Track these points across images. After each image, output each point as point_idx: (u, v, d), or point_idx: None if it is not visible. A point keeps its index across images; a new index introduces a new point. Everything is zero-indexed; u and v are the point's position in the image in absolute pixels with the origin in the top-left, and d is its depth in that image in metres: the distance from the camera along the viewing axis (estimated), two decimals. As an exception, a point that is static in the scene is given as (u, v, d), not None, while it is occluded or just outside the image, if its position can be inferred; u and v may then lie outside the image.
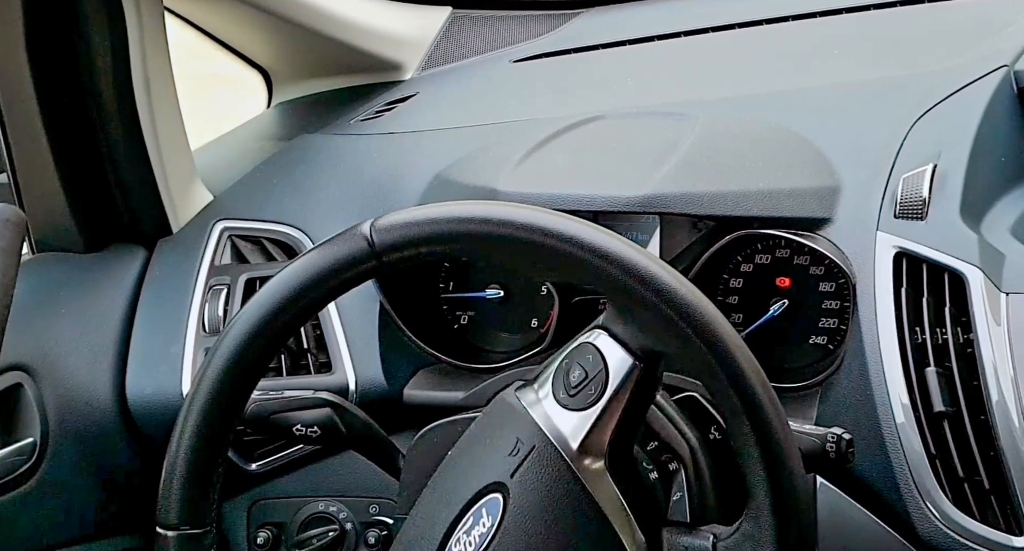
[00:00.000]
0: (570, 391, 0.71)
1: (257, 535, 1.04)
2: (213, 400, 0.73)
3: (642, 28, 1.26)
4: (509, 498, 0.69)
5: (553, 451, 0.69)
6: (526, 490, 0.69)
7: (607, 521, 0.69)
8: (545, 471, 0.69)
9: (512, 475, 0.70)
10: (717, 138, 0.98)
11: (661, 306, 0.64)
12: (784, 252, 0.93)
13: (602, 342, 0.70)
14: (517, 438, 0.71)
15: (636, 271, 0.64)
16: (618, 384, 0.69)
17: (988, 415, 0.76)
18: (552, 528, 0.68)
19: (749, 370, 0.64)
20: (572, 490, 0.69)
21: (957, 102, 0.92)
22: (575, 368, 0.71)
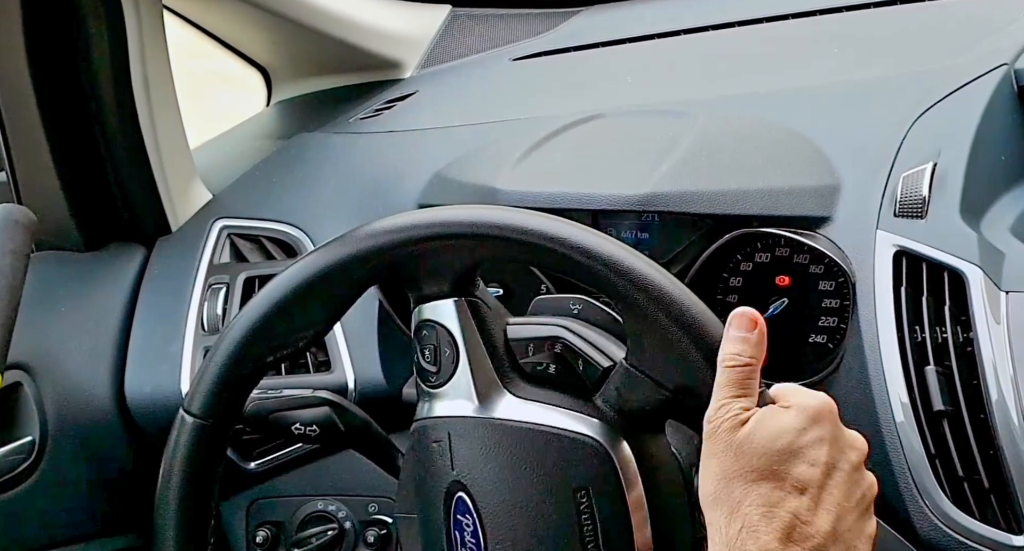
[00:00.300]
0: (430, 375, 0.72)
1: (256, 534, 1.04)
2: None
3: (642, 26, 1.26)
4: (469, 489, 0.70)
5: (461, 424, 0.70)
6: (473, 471, 0.70)
7: (551, 430, 0.69)
8: (469, 444, 0.70)
9: (453, 469, 0.70)
10: (717, 136, 0.98)
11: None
12: (784, 251, 0.93)
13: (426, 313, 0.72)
14: (435, 439, 0.71)
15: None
16: (458, 327, 0.71)
17: (988, 414, 0.76)
18: (521, 481, 0.69)
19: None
20: (502, 436, 0.70)
21: (957, 101, 0.92)
22: (425, 351, 0.72)
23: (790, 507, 0.59)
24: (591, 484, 0.68)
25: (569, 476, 0.68)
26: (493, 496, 0.69)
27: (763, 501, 0.59)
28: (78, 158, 1.09)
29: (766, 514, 0.59)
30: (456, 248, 0.70)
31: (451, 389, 0.72)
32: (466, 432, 0.70)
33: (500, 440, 0.70)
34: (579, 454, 0.68)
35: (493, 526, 0.69)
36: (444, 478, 0.71)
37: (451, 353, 0.71)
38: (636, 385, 0.68)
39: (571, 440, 0.69)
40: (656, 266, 0.67)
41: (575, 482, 0.68)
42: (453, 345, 0.71)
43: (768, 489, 0.59)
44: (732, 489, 0.60)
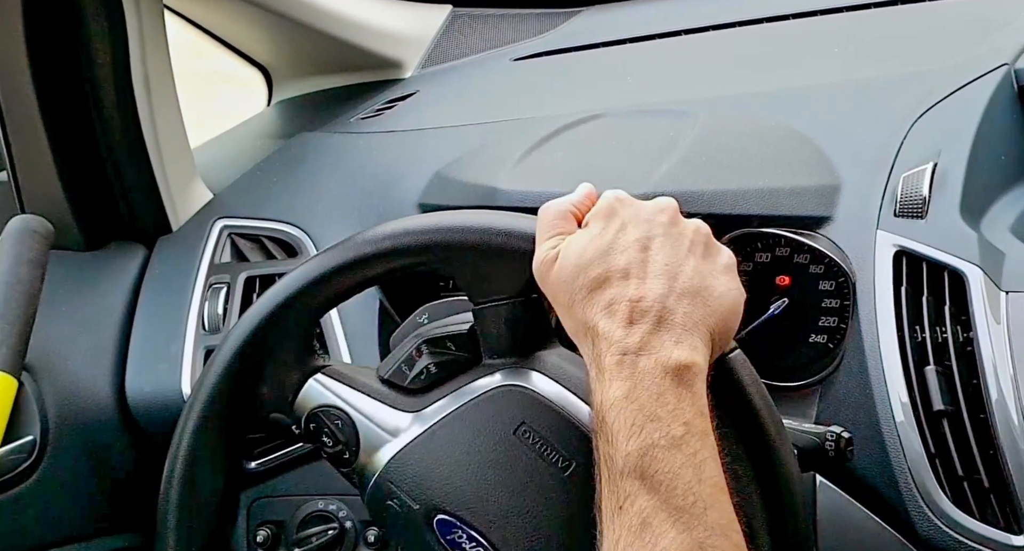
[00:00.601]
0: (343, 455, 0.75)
1: (257, 533, 1.04)
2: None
3: (642, 26, 1.26)
4: (439, 506, 0.70)
5: (394, 466, 0.72)
6: (431, 490, 0.70)
7: (462, 407, 0.72)
8: (410, 472, 0.71)
9: (416, 504, 0.71)
10: (717, 136, 0.98)
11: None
12: (784, 251, 0.93)
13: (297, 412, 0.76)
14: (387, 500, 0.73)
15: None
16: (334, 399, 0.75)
17: (988, 414, 0.76)
18: (472, 465, 0.70)
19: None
20: (429, 445, 0.71)
21: (957, 101, 0.92)
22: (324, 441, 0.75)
23: (622, 296, 0.60)
24: (523, 417, 0.69)
25: (502, 426, 0.69)
26: (461, 495, 0.69)
27: (600, 307, 0.61)
28: (79, 157, 1.09)
29: (607, 315, 0.60)
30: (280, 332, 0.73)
31: (365, 450, 0.73)
32: (402, 467, 0.71)
33: (429, 451, 0.71)
34: (497, 405, 0.70)
35: (479, 518, 0.69)
36: (415, 516, 0.71)
37: (344, 423, 0.73)
38: (497, 316, 0.71)
39: (483, 400, 0.70)
40: (443, 214, 0.71)
41: (511, 426, 0.69)
42: (341, 415, 0.73)
43: (599, 296, 0.61)
44: (577, 316, 0.62)
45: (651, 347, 0.58)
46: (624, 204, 0.65)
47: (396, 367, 0.74)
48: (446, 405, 0.72)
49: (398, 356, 0.75)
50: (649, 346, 0.58)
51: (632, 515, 0.54)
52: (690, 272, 0.62)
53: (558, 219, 0.67)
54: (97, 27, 1.03)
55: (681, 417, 0.57)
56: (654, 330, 0.59)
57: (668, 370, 0.58)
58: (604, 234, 0.63)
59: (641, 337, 0.59)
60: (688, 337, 0.59)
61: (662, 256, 0.62)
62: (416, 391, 0.74)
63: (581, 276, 0.62)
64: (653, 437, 0.56)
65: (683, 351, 0.58)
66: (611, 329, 0.59)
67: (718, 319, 0.62)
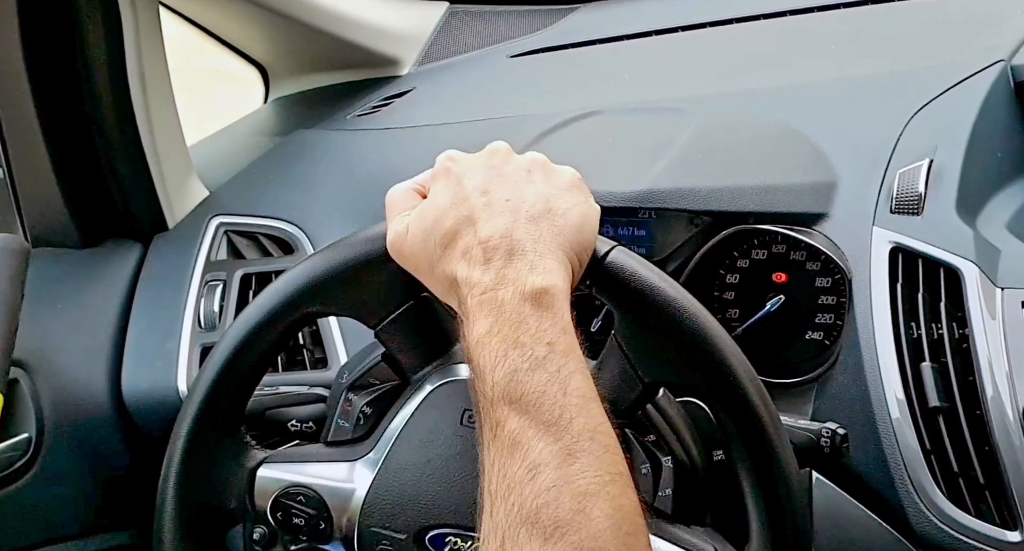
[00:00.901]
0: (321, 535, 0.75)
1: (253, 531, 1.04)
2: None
3: (639, 23, 1.26)
4: (425, 523, 0.70)
5: (368, 508, 0.73)
6: (407, 513, 0.71)
7: (407, 422, 0.73)
8: (384, 507, 0.72)
9: (401, 533, 0.71)
10: (714, 133, 0.98)
11: None
12: (780, 247, 0.93)
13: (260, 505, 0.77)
14: (379, 546, 0.73)
15: None
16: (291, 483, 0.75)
17: (983, 410, 0.76)
18: (437, 472, 0.71)
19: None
20: (387, 473, 0.72)
21: (953, 97, 0.92)
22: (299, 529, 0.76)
23: (472, 241, 0.62)
24: (464, 405, 0.71)
25: (449, 422, 0.71)
26: (439, 504, 0.70)
27: (456, 258, 0.62)
28: (75, 155, 1.09)
29: (463, 263, 0.62)
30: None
31: (335, 510, 0.73)
32: (375, 507, 0.72)
33: (392, 479, 0.72)
34: (437, 406, 0.71)
35: (463, 516, 0.69)
36: (407, 545, 0.71)
37: (307, 496, 0.74)
38: (399, 330, 0.73)
39: (422, 409, 0.72)
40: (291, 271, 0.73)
41: (456, 417, 0.71)
42: (301, 490, 0.74)
43: (453, 249, 0.63)
44: (438, 275, 0.64)
45: (507, 279, 0.60)
46: (455, 161, 0.68)
47: (334, 426, 0.76)
48: (392, 432, 0.73)
49: (332, 416, 0.76)
50: (505, 279, 0.60)
51: (504, 438, 0.56)
52: (532, 199, 0.64)
53: (402, 199, 0.69)
54: (92, 25, 1.03)
55: (543, 338, 0.58)
56: (507, 263, 0.60)
57: (526, 297, 0.59)
58: (444, 193, 0.65)
59: (496, 273, 0.60)
60: (541, 261, 0.61)
61: (502, 193, 0.64)
62: (362, 438, 0.74)
63: (432, 237, 0.64)
64: (517, 363, 0.57)
65: (538, 276, 0.60)
66: (468, 274, 0.61)
67: (569, 236, 0.63)
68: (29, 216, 1.12)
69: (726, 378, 0.64)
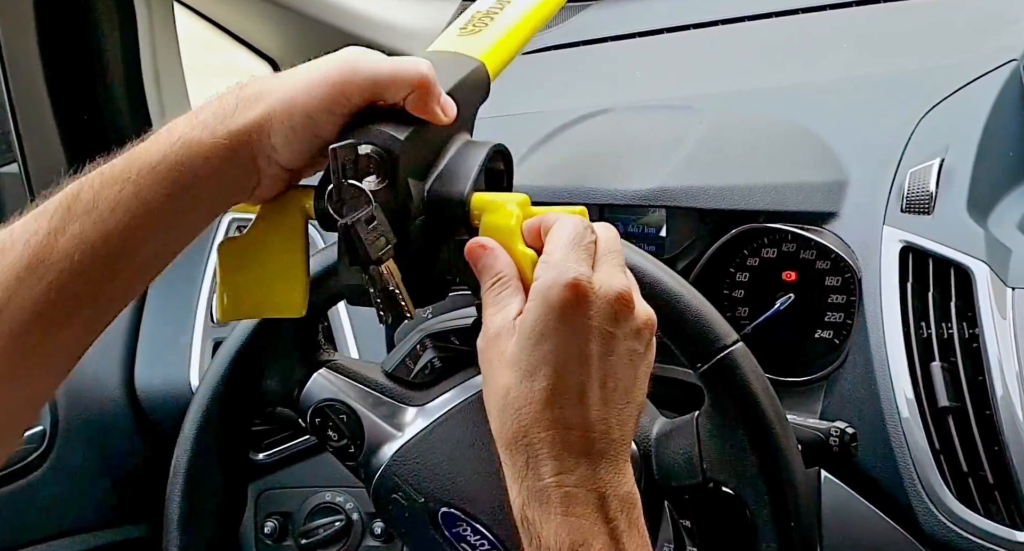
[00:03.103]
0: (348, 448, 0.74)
1: (264, 524, 1.05)
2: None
3: (650, 21, 1.25)
4: (442, 499, 0.70)
5: (398, 460, 0.71)
6: (433, 483, 0.70)
7: (463, 402, 0.70)
8: (414, 467, 0.71)
9: (421, 496, 0.71)
10: (724, 132, 0.98)
11: None
12: (790, 246, 0.93)
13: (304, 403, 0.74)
14: (392, 493, 0.72)
15: None
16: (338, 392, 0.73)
17: (993, 410, 0.76)
18: (473, 459, 0.69)
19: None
20: (431, 441, 0.71)
21: (965, 97, 0.92)
22: (329, 435, 0.74)
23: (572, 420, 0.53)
24: None
25: None
26: (465, 488, 0.70)
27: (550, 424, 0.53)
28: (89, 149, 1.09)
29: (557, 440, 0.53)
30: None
31: (369, 444, 0.73)
32: (406, 461, 0.71)
33: (434, 444, 0.71)
34: None
35: (484, 511, 0.69)
36: (420, 509, 0.71)
37: (349, 418, 0.73)
38: None
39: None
40: None
41: None
42: (346, 410, 0.73)
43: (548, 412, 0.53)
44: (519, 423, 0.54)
45: (599, 481, 0.53)
46: (591, 296, 0.53)
47: (400, 362, 0.74)
48: (450, 399, 0.72)
49: (402, 351, 0.75)
50: (597, 480, 0.53)
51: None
52: (634, 386, 0.55)
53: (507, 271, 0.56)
54: (107, 20, 1.03)
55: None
56: (599, 461, 0.53)
57: (620, 506, 0.53)
58: (566, 335, 0.53)
59: (589, 469, 0.53)
60: (625, 465, 0.54)
61: (619, 374, 0.54)
62: (420, 386, 0.74)
63: (533, 382, 0.53)
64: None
65: (625, 481, 0.54)
66: (559, 455, 0.52)
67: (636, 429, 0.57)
68: (43, 211, 1.12)
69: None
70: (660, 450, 0.68)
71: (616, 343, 0.54)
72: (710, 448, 0.66)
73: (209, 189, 0.56)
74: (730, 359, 0.64)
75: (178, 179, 0.54)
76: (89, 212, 0.53)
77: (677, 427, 0.68)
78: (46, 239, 0.53)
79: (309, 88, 0.56)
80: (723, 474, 0.66)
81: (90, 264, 0.53)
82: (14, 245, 0.53)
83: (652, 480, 0.69)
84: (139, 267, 0.56)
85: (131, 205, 0.54)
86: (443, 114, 0.59)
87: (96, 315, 0.56)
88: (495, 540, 0.68)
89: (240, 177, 0.57)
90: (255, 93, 0.57)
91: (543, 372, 0.53)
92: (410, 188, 0.57)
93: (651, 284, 0.65)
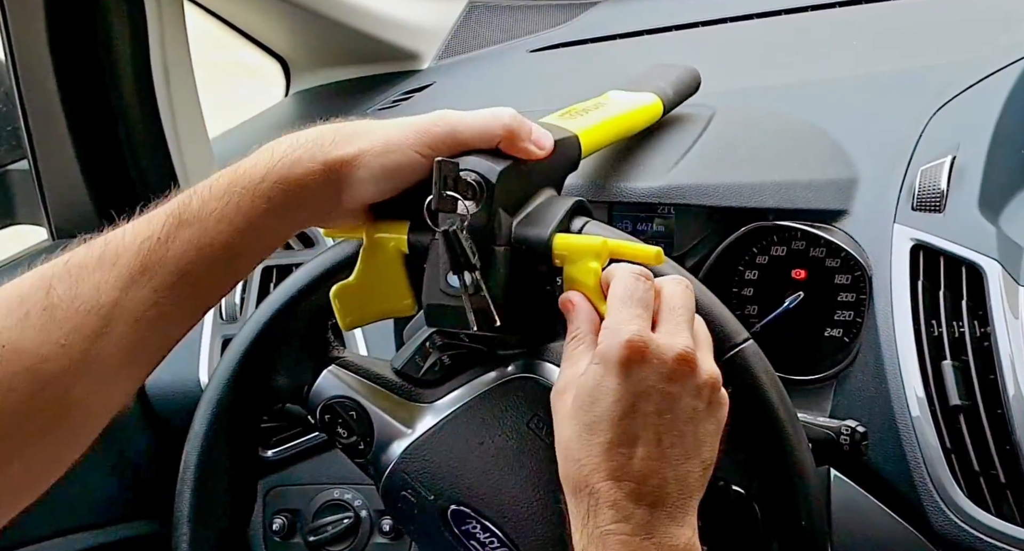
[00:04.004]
0: (357, 446, 0.74)
1: (273, 521, 1.05)
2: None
3: (659, 18, 1.25)
4: (453, 497, 0.69)
5: (408, 458, 0.71)
6: (443, 482, 0.70)
7: (474, 400, 0.71)
8: (424, 465, 0.71)
9: (431, 494, 0.70)
10: (733, 129, 0.98)
11: None
12: (800, 244, 0.92)
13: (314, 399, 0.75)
14: (401, 491, 0.72)
15: None
16: (347, 389, 0.74)
17: (1005, 409, 0.76)
18: (484, 457, 0.69)
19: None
20: (442, 438, 0.71)
21: (977, 94, 0.92)
22: (338, 432, 0.74)
23: (624, 470, 0.56)
24: (536, 409, 0.69)
25: (515, 419, 0.69)
26: (475, 486, 0.69)
27: (607, 474, 0.56)
28: (98, 146, 1.10)
29: (614, 488, 0.56)
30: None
31: (379, 441, 0.73)
32: (416, 459, 0.71)
33: (443, 442, 0.71)
34: (510, 397, 0.70)
35: (493, 509, 0.69)
36: (429, 506, 0.71)
37: (358, 415, 0.73)
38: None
39: (496, 392, 0.70)
40: None
41: (524, 418, 0.69)
42: (355, 407, 0.73)
43: (606, 465, 0.56)
44: (583, 468, 0.57)
45: (653, 530, 0.55)
46: (651, 355, 0.56)
47: (410, 359, 0.74)
48: (459, 397, 0.72)
49: (411, 348, 0.75)
50: (651, 528, 0.55)
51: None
52: (704, 454, 0.58)
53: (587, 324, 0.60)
54: (117, 19, 1.04)
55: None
56: (653, 510, 0.56)
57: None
58: (620, 390, 0.56)
59: (643, 518, 0.55)
60: (684, 515, 0.57)
61: (673, 429, 0.57)
62: (430, 383, 0.74)
63: (592, 436, 0.56)
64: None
65: (683, 530, 0.56)
66: (615, 501, 0.55)
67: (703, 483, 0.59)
68: (54, 207, 1.13)
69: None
70: None
71: (674, 401, 0.57)
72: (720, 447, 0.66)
73: (300, 209, 0.62)
74: (741, 357, 0.64)
75: (276, 197, 0.61)
76: (197, 222, 0.60)
77: None
78: (157, 245, 0.59)
79: (403, 133, 0.63)
80: (733, 473, 0.66)
81: (195, 268, 0.59)
82: (127, 249, 0.58)
83: None
84: (235, 271, 0.63)
85: (234, 218, 0.60)
86: (536, 149, 0.66)
87: (193, 312, 0.62)
88: (504, 538, 0.68)
89: (324, 203, 0.63)
90: (352, 131, 0.63)
91: (600, 427, 0.56)
92: (500, 217, 0.63)
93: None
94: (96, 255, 0.58)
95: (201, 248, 0.59)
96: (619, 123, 0.86)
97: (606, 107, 0.87)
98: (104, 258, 0.58)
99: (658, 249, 0.62)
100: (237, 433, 0.76)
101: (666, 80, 0.97)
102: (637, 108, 0.90)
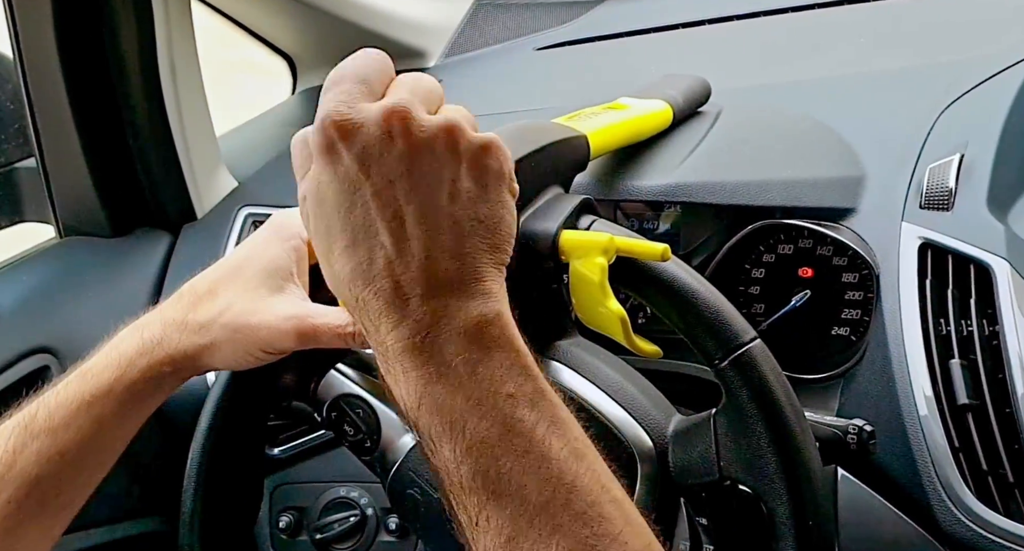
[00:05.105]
0: (364, 442, 0.74)
1: (279, 519, 1.05)
2: None
3: (666, 16, 1.25)
4: None
5: (415, 454, 0.72)
6: None
7: None
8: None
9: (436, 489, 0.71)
10: (740, 127, 0.98)
11: None
12: (807, 242, 0.92)
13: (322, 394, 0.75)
14: (408, 489, 0.72)
15: None
16: (352, 383, 0.74)
17: (1013, 408, 0.76)
18: None
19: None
20: None
21: (985, 92, 0.91)
22: (345, 430, 0.74)
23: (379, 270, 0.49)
24: None
25: None
26: None
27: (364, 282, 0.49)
28: (106, 145, 1.10)
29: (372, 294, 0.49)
30: None
31: (386, 439, 0.73)
32: (422, 457, 0.70)
33: None
34: None
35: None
36: (435, 505, 0.71)
37: (365, 412, 0.73)
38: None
39: None
40: None
41: None
42: (362, 405, 0.73)
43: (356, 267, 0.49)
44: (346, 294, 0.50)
45: (435, 315, 0.48)
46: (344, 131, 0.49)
47: None
48: None
49: None
50: (433, 315, 0.48)
51: (493, 533, 0.47)
52: (454, 213, 0.50)
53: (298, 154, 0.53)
54: (124, 16, 1.04)
55: (503, 388, 0.47)
56: (429, 296, 0.48)
57: (468, 336, 0.48)
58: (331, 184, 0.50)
59: (419, 309, 0.48)
60: (476, 285, 0.49)
61: (414, 206, 0.49)
62: None
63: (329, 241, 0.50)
64: (481, 434, 0.47)
65: (475, 303, 0.49)
66: (382, 309, 0.49)
67: (497, 243, 0.51)
68: (61, 205, 1.13)
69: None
70: (676, 448, 0.68)
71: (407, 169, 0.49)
72: (727, 446, 0.66)
73: (157, 397, 0.65)
74: (748, 356, 0.64)
75: (127, 400, 0.62)
76: (44, 433, 0.60)
77: (694, 424, 0.68)
78: (4, 457, 0.59)
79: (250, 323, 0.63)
80: (740, 472, 0.66)
81: (47, 475, 0.59)
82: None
83: (668, 477, 0.68)
84: (92, 469, 0.63)
85: (83, 424, 0.61)
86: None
87: (56, 511, 0.62)
88: None
89: (184, 384, 0.66)
90: (206, 319, 0.64)
91: (335, 230, 0.50)
92: None
93: (668, 280, 0.65)
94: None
95: (51, 458, 0.59)
96: (629, 127, 0.87)
97: (617, 111, 0.88)
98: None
99: (665, 246, 0.62)
100: (244, 430, 0.76)
101: (677, 89, 0.97)
102: (647, 113, 0.91)
